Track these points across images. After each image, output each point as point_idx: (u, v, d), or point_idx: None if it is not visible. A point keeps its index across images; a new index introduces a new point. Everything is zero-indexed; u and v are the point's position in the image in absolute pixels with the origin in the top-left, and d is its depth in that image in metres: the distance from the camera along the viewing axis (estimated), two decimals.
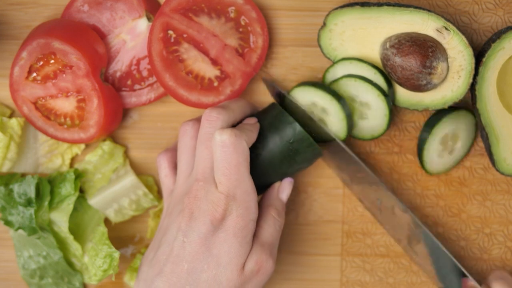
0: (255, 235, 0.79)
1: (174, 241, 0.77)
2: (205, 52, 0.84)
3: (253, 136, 0.79)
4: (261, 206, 0.81)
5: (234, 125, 0.81)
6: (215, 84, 0.84)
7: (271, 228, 0.80)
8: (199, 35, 0.83)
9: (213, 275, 0.76)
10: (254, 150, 0.81)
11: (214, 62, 0.84)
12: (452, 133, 0.85)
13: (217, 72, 0.84)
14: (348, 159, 0.82)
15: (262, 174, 0.81)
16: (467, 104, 0.86)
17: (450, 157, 0.86)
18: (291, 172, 0.82)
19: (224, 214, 0.76)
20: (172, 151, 0.84)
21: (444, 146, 0.85)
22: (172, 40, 0.83)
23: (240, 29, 0.84)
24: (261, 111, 0.83)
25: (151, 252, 0.80)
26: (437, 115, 0.85)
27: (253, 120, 0.82)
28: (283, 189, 0.83)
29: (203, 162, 0.77)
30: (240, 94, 0.85)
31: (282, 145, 0.80)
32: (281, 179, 0.83)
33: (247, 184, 0.77)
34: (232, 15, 0.83)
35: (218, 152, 0.76)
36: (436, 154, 0.85)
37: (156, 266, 0.77)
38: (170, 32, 0.83)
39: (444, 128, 0.84)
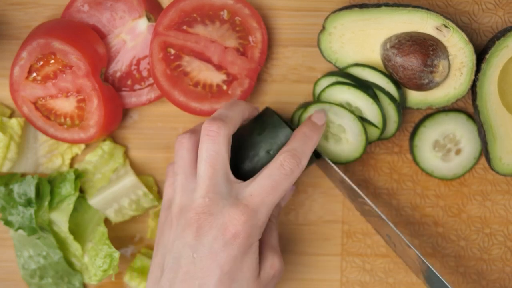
0: (263, 240, 0.79)
1: (181, 258, 0.73)
2: (207, 60, 0.84)
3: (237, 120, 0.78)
4: None
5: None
6: (224, 88, 0.84)
7: (274, 232, 0.81)
8: (198, 45, 0.83)
9: None
10: (259, 152, 0.81)
11: (219, 68, 0.84)
12: (444, 136, 0.85)
13: (224, 77, 0.84)
14: (346, 187, 0.82)
15: None
16: (461, 107, 0.87)
17: (458, 160, 0.86)
18: None
19: (238, 229, 0.73)
20: None
21: (440, 149, 0.85)
22: (173, 56, 0.83)
23: (237, 28, 0.84)
24: (258, 115, 0.83)
25: (156, 269, 0.76)
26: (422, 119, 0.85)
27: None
28: (285, 197, 0.84)
29: (209, 180, 0.74)
30: (251, 92, 0.85)
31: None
32: None
33: (271, 205, 0.76)
34: (225, 17, 0.83)
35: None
36: (435, 160, 0.85)
37: (166, 285, 0.74)
38: (170, 49, 0.83)
39: (432, 132, 0.85)
